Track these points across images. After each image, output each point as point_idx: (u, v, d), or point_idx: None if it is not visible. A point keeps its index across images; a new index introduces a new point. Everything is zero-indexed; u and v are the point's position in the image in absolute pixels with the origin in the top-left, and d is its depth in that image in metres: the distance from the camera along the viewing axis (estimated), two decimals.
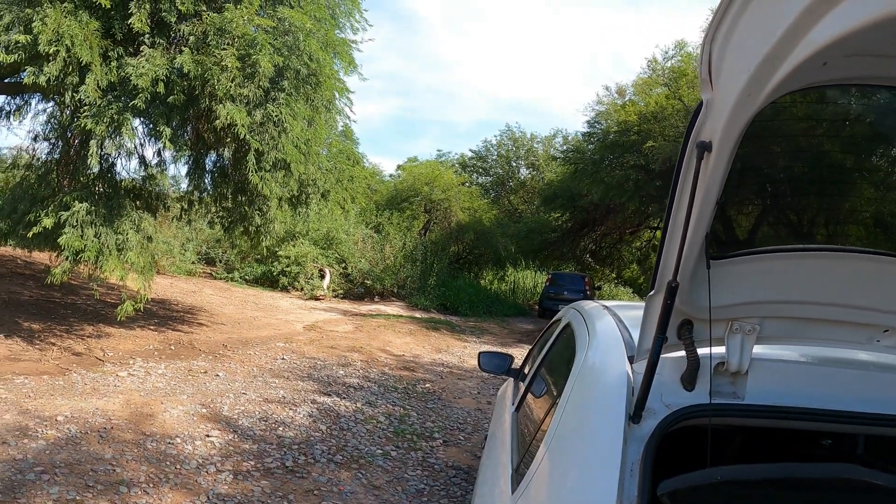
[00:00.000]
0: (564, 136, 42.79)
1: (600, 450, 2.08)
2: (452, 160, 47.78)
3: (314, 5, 11.16)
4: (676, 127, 21.23)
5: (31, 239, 10.02)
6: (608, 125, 26.07)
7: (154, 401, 8.23)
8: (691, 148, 1.77)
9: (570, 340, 3.29)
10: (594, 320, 3.10)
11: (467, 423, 9.40)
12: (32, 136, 11.83)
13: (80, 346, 10.77)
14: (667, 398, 2.20)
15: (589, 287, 28.25)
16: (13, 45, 8.92)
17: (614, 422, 2.11)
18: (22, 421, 6.88)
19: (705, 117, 1.73)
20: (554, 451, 2.27)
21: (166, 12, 9.61)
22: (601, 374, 2.46)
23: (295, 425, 8.07)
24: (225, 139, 10.98)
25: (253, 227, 12.99)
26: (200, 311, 16.31)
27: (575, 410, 2.34)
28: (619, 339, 2.66)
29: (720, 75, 1.66)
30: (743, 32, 1.57)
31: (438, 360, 14.31)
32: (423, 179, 35.28)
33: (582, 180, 25.57)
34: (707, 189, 1.78)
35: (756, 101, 1.60)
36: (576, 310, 3.78)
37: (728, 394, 2.25)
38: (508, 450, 3.21)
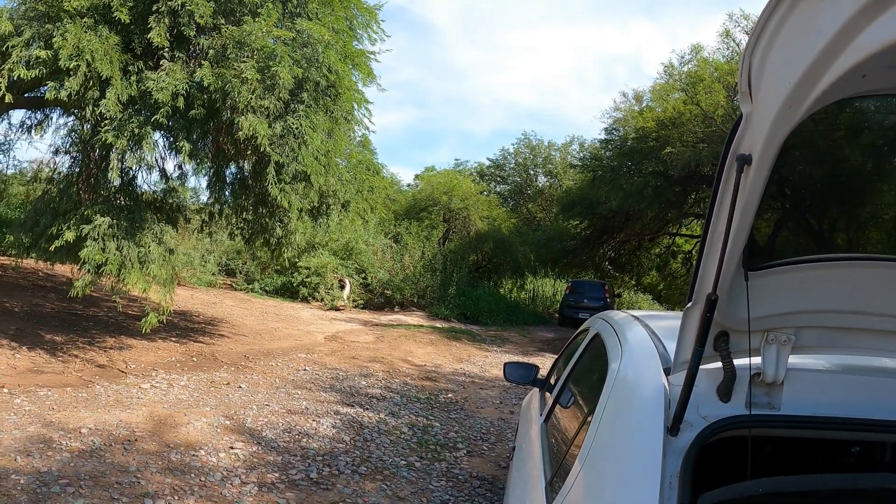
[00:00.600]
0: (581, 142, 42.83)
1: (639, 463, 2.06)
2: (470, 169, 47.88)
3: (332, 17, 11.21)
4: (694, 132, 21.16)
5: (54, 252, 10.08)
6: (626, 132, 26.02)
7: (177, 412, 8.25)
8: (731, 161, 1.75)
9: (600, 351, 3.26)
10: (625, 331, 3.07)
11: (490, 433, 9.37)
12: (53, 149, 11.92)
13: (103, 358, 10.81)
14: (703, 410, 2.17)
15: (609, 295, 28.17)
16: (34, 61, 9.02)
17: (652, 435, 2.09)
18: (46, 433, 6.90)
19: (745, 130, 1.70)
20: (590, 464, 2.25)
21: (185, 26, 9.67)
22: (637, 387, 2.44)
23: (319, 436, 8.07)
24: (246, 151, 11.02)
25: (274, 239, 13.02)
26: (222, 323, 16.36)
27: (611, 423, 2.32)
28: (653, 350, 2.64)
29: (760, 88, 1.63)
30: (783, 44, 1.55)
31: (460, 370, 14.29)
32: (442, 189, 35.31)
33: (600, 187, 25.51)
34: (746, 202, 1.75)
35: (797, 114, 1.58)
36: (604, 320, 3.75)
37: (764, 404, 2.22)
38: (539, 463, 3.18)
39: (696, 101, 21.46)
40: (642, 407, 2.26)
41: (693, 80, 22.18)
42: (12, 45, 9.06)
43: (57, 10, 9.18)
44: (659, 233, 29.08)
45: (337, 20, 11.33)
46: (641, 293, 37.78)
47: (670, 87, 24.29)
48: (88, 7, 9.37)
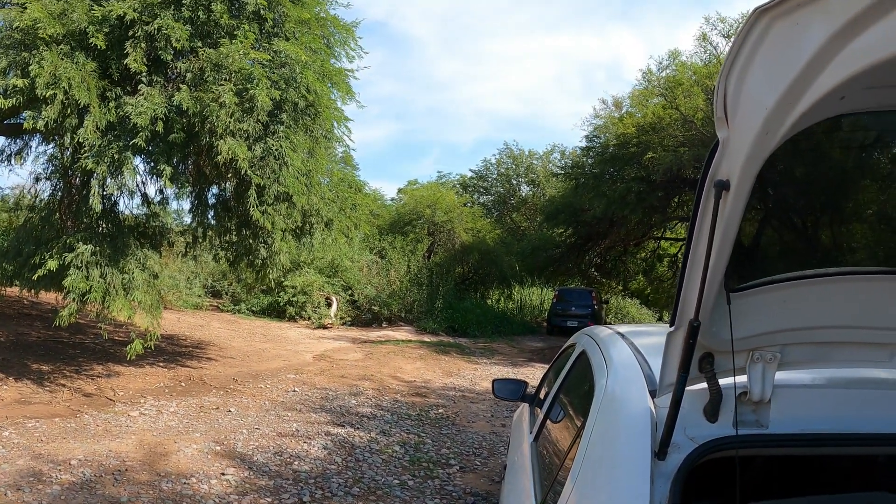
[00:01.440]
0: (562, 150, 43.09)
1: (627, 489, 2.05)
2: (453, 181, 47.99)
3: (309, 36, 11.22)
4: (675, 136, 21.28)
5: (37, 281, 10.06)
6: (607, 138, 26.15)
7: (167, 440, 8.21)
8: (709, 187, 1.74)
9: (586, 370, 3.26)
10: (610, 349, 3.07)
11: (483, 448, 9.35)
12: (34, 177, 11.87)
13: (91, 387, 10.76)
14: (690, 431, 2.17)
15: (596, 301, 28.21)
16: (11, 90, 8.97)
17: (640, 459, 2.08)
18: (35, 466, 6.87)
19: (722, 156, 1.70)
20: (580, 489, 2.23)
21: (162, 50, 9.66)
22: (623, 409, 2.42)
23: (310, 459, 8.04)
24: (226, 174, 11.00)
25: (259, 260, 12.98)
26: (209, 346, 16.31)
27: (599, 446, 2.31)
28: (638, 370, 2.63)
29: (736, 113, 1.62)
30: (759, 69, 1.54)
31: (450, 384, 14.28)
32: (425, 202, 35.35)
33: (583, 195, 25.58)
34: (726, 226, 1.75)
35: (774, 139, 1.57)
36: (590, 336, 3.75)
37: (751, 423, 2.22)
38: (531, 482, 3.19)
39: (675, 105, 21.57)
40: (629, 430, 2.25)
41: (672, 85, 22.31)
42: None
43: (33, 37, 9.13)
44: (644, 237, 29.20)
45: (314, 39, 11.35)
46: (629, 298, 37.82)
47: (649, 93, 24.44)
48: (64, 34, 9.34)
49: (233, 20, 10.12)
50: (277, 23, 10.93)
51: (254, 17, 10.51)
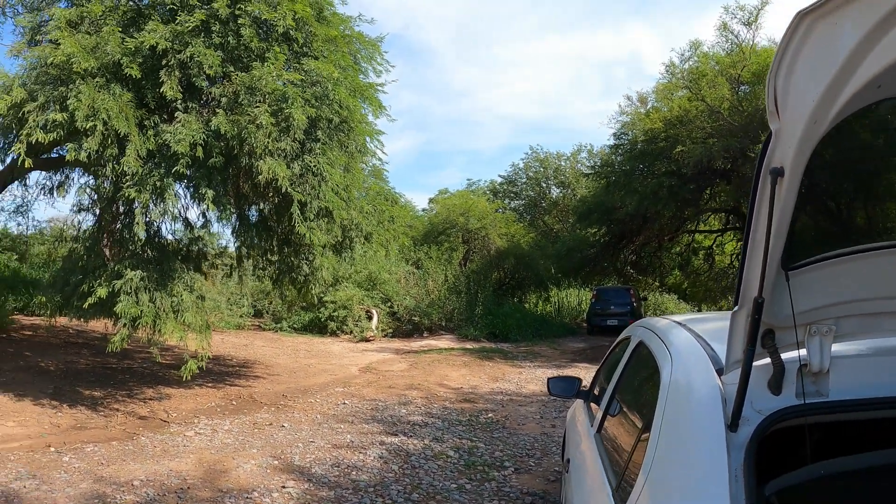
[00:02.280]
0: (589, 150, 42.97)
1: (705, 460, 2.19)
2: (483, 188, 48.05)
3: (338, 54, 11.38)
4: (703, 128, 21.17)
5: (88, 309, 10.20)
6: (635, 135, 26.03)
7: (225, 457, 8.36)
8: (765, 174, 1.88)
9: (647, 359, 3.38)
10: (670, 337, 3.18)
11: (535, 449, 9.42)
12: (76, 209, 12.06)
13: (144, 410, 10.93)
14: (757, 404, 2.30)
15: (635, 299, 28.15)
16: (51, 124, 9.16)
17: (714, 433, 2.22)
18: (99, 488, 7.00)
19: (775, 145, 1.84)
20: (658, 467, 2.36)
21: (196, 77, 9.86)
22: (693, 390, 2.55)
23: (367, 468, 8.15)
24: (267, 194, 11.16)
25: (301, 277, 13.14)
26: (255, 364, 16.50)
27: (673, 427, 2.43)
28: (702, 353, 2.76)
29: (786, 107, 1.76)
30: (804, 67, 1.69)
31: (497, 389, 14.34)
32: (458, 210, 35.35)
33: (615, 193, 25.46)
34: (782, 210, 1.89)
35: (822, 127, 1.72)
36: (646, 328, 3.87)
37: (812, 393, 2.34)
38: (601, 471, 3.29)
39: (700, 97, 21.49)
40: (701, 408, 2.38)
41: (696, 77, 22.20)
42: (28, 110, 9.25)
43: (68, 72, 9.33)
44: (678, 231, 28.95)
45: (343, 57, 11.51)
46: (666, 294, 37.59)
47: (674, 86, 24.29)
48: (99, 67, 9.54)
49: (262, 43, 10.31)
50: (306, 42, 11.10)
51: (283, 39, 10.70)
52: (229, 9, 10.00)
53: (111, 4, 10.60)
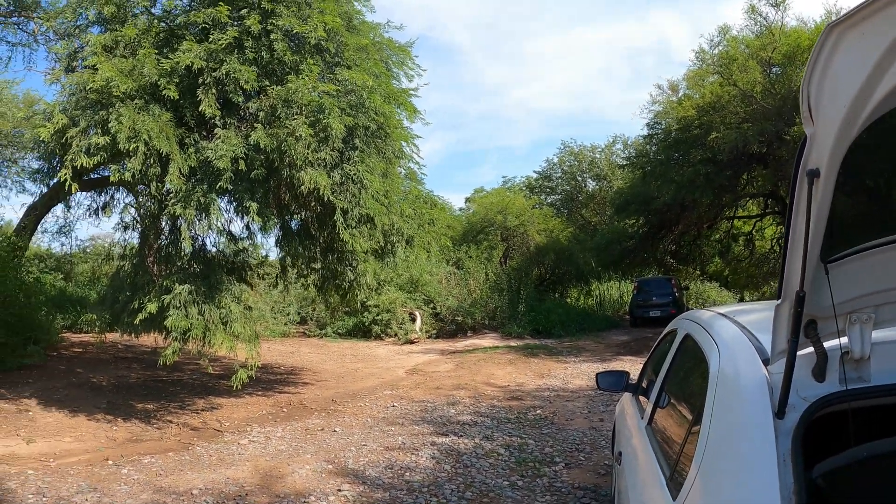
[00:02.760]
0: (623, 141, 42.72)
1: (754, 447, 2.31)
2: (519, 184, 48.03)
3: (370, 62, 11.51)
4: (736, 113, 21.05)
5: (139, 325, 10.42)
6: (668, 124, 25.93)
7: (280, 463, 8.53)
8: (801, 176, 2.01)
9: (694, 351, 3.51)
10: (716, 329, 3.31)
11: (584, 444, 9.50)
12: (122, 227, 12.29)
13: (197, 420, 11.13)
14: (802, 392, 2.42)
15: (676, 289, 27.99)
16: (94, 148, 9.37)
17: (763, 420, 2.35)
18: (159, 499, 7.18)
19: (811, 148, 1.96)
20: (710, 455, 2.48)
21: (232, 94, 10.02)
22: (740, 380, 2.67)
23: (420, 469, 8.29)
24: (309, 203, 11.32)
25: (346, 283, 13.28)
26: (303, 371, 16.72)
27: (722, 416, 2.56)
28: (748, 344, 2.88)
29: (819, 112, 1.89)
30: (834, 75, 1.81)
31: (543, 385, 14.43)
32: (495, 209, 35.40)
33: (651, 183, 25.41)
34: (819, 208, 2.01)
35: (854, 130, 1.84)
36: (691, 320, 4.01)
37: (855, 379, 2.46)
38: (653, 462, 3.41)
39: (732, 81, 21.36)
40: (749, 397, 2.51)
41: (726, 62, 22.06)
42: (71, 136, 9.47)
43: (108, 96, 9.55)
44: (716, 219, 28.78)
45: (375, 64, 11.66)
46: (708, 282, 37.36)
47: (705, 72, 24.14)
48: (137, 89, 9.75)
49: (295, 56, 10.46)
50: (338, 52, 11.27)
51: (315, 51, 10.83)
52: (261, 24, 10.16)
53: (144, 27, 10.81)
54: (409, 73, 12.83)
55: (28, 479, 7.71)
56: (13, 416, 10.40)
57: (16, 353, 13.57)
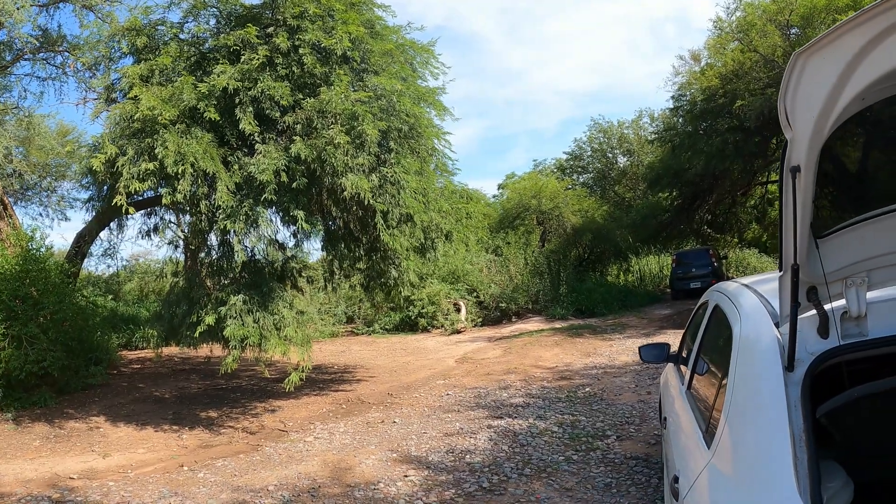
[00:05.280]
0: (650, 114, 42.54)
1: (769, 396, 2.77)
2: (550, 167, 48.01)
3: (396, 65, 11.88)
4: (759, 79, 20.86)
5: (198, 337, 10.86)
6: (693, 95, 25.76)
7: (347, 456, 8.98)
8: (786, 171, 2.48)
9: (722, 319, 3.99)
10: (739, 299, 3.77)
11: (634, 416, 9.89)
12: (172, 245, 12.77)
13: (261, 423, 11.57)
14: (809, 348, 2.88)
15: (715, 259, 28.03)
16: (143, 173, 9.80)
17: (775, 373, 2.81)
18: (239, 497, 7.62)
19: (791, 149, 2.43)
20: (734, 407, 2.95)
21: (269, 110, 10.45)
22: (757, 341, 3.13)
23: (479, 451, 8.71)
24: (350, 207, 11.69)
25: (391, 281, 13.71)
26: (356, 368, 17.13)
27: (743, 373, 3.03)
28: (763, 311, 3.37)
29: (794, 121, 2.35)
30: (803, 92, 2.27)
31: (590, 364, 14.75)
32: (529, 193, 35.41)
33: (681, 155, 25.36)
34: (804, 196, 2.48)
35: (823, 133, 2.31)
36: (720, 292, 4.51)
37: (855, 335, 2.92)
38: (692, 420, 3.90)
39: (752, 47, 21.22)
40: (763, 355, 2.98)
41: (745, 28, 21.87)
42: (121, 164, 9.89)
43: (152, 123, 10.01)
44: (750, 185, 28.60)
45: (402, 67, 12.02)
46: (746, 249, 37.16)
47: (724, 40, 23.96)
48: (178, 114, 10.21)
49: (324, 68, 10.84)
50: (364, 59, 11.63)
51: (342, 60, 11.19)
52: (289, 41, 10.59)
53: (176, 53, 11.27)
54: (434, 72, 13.11)
55: (110, 490, 8.11)
56: (85, 434, 10.87)
57: (79, 375, 14.06)
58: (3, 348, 12.11)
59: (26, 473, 8.86)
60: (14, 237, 14.51)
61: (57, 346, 12.81)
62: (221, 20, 12.23)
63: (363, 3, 12.19)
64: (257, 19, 11.45)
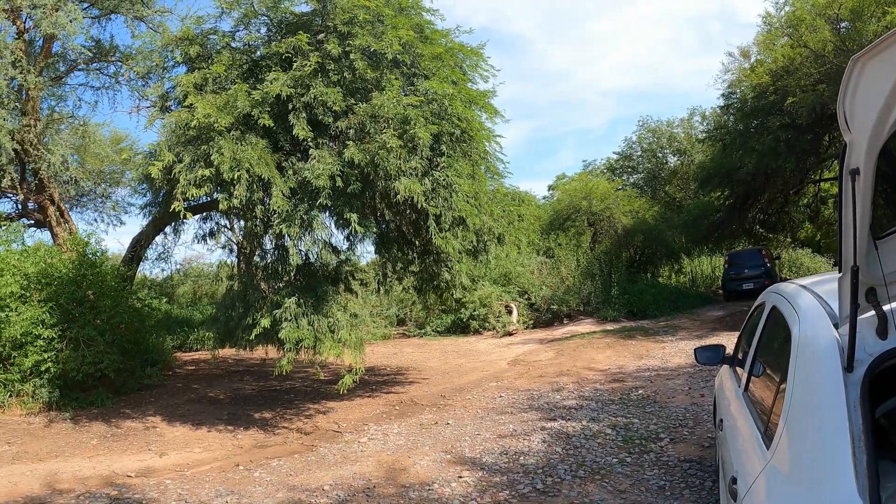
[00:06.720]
0: (701, 113, 42.05)
1: (829, 396, 2.79)
2: (600, 167, 47.74)
3: (446, 69, 11.95)
4: (810, 75, 20.54)
5: (253, 339, 11.04)
6: (743, 92, 25.47)
7: (401, 457, 9.08)
8: (846, 174, 2.51)
9: (780, 320, 4.00)
10: (797, 300, 3.78)
11: (688, 419, 9.84)
12: (227, 249, 12.97)
13: (314, 424, 11.72)
14: (868, 349, 2.87)
15: (768, 259, 27.67)
16: (199, 179, 9.98)
17: (834, 375, 2.83)
18: (294, 496, 7.75)
19: (850, 153, 2.47)
20: (793, 408, 2.98)
21: (322, 115, 10.60)
22: (817, 342, 3.14)
23: (533, 452, 8.75)
24: (404, 210, 11.81)
25: (443, 283, 13.82)
26: (409, 370, 17.24)
27: (802, 374, 3.04)
28: (822, 312, 3.38)
29: (853, 124, 2.39)
30: (862, 95, 2.31)
31: (643, 366, 14.69)
32: (579, 194, 35.05)
33: (732, 154, 25.01)
34: (863, 197, 2.51)
35: (881, 137, 2.34)
36: (777, 293, 4.51)
37: None
38: (750, 422, 3.91)
39: (802, 43, 20.88)
40: (823, 356, 2.99)
41: (794, 23, 21.57)
42: (178, 171, 10.08)
43: (208, 130, 10.21)
44: (802, 183, 28.16)
45: (452, 71, 12.09)
46: (800, 249, 36.69)
47: (773, 36, 23.64)
48: (233, 121, 10.40)
49: (375, 72, 10.96)
50: (414, 63, 11.71)
51: (393, 65, 11.34)
52: (340, 47, 10.70)
53: (228, 62, 11.45)
54: (483, 75, 13.15)
55: (167, 488, 8.31)
56: (142, 433, 11.11)
57: (135, 376, 14.43)
58: (61, 350, 12.43)
59: (84, 471, 9.09)
60: (70, 242, 14.86)
61: (113, 349, 13.11)
62: (272, 28, 12.41)
63: (412, 7, 12.32)
64: (308, 26, 11.57)
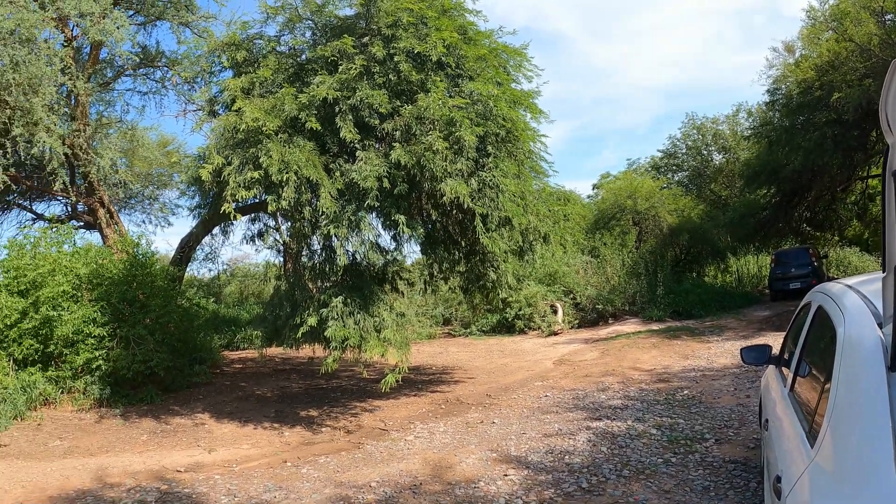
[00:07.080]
0: (747, 109, 41.52)
1: (871, 395, 2.80)
2: (644, 165, 47.41)
3: (490, 70, 12.03)
4: (856, 70, 20.16)
5: (300, 338, 11.25)
6: (788, 88, 25.10)
7: (447, 455, 9.18)
8: (888, 176, 2.55)
9: (825, 320, 4.01)
10: (843, 300, 3.79)
11: (733, 420, 9.81)
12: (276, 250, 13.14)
13: (360, 422, 11.87)
14: None
15: (815, 258, 27.19)
16: (248, 182, 10.15)
17: (878, 374, 2.84)
18: (341, 492, 7.89)
19: (893, 154, 2.50)
20: (837, 408, 3.00)
21: (368, 118, 10.73)
22: (861, 342, 3.14)
23: (578, 452, 8.80)
24: (450, 211, 11.93)
25: (489, 283, 13.89)
26: (454, 370, 17.34)
27: (846, 374, 3.07)
28: (867, 311, 3.38)
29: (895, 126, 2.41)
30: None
31: (689, 366, 14.62)
32: (624, 193, 34.83)
33: (778, 151, 24.71)
34: None
35: None
36: (823, 293, 4.51)
37: None
38: (795, 422, 3.95)
39: (847, 36, 20.54)
40: (867, 356, 3.00)
41: (838, 16, 21.22)
42: (227, 173, 10.26)
43: (256, 133, 10.38)
44: (850, 180, 27.60)
45: (497, 72, 12.15)
46: (847, 247, 36.08)
47: (818, 30, 23.28)
48: (280, 124, 10.58)
49: (420, 74, 11.06)
50: (458, 65, 11.77)
51: (437, 67, 11.41)
52: (384, 50, 10.83)
53: (275, 66, 11.63)
54: (527, 75, 13.17)
55: (216, 483, 8.52)
56: (191, 430, 11.38)
57: (184, 374, 14.77)
58: (112, 348, 12.73)
59: (134, 466, 9.35)
60: (120, 244, 15.17)
61: (163, 347, 13.40)
62: (317, 32, 12.57)
63: (455, 9, 12.39)
64: (352, 30, 11.72)
